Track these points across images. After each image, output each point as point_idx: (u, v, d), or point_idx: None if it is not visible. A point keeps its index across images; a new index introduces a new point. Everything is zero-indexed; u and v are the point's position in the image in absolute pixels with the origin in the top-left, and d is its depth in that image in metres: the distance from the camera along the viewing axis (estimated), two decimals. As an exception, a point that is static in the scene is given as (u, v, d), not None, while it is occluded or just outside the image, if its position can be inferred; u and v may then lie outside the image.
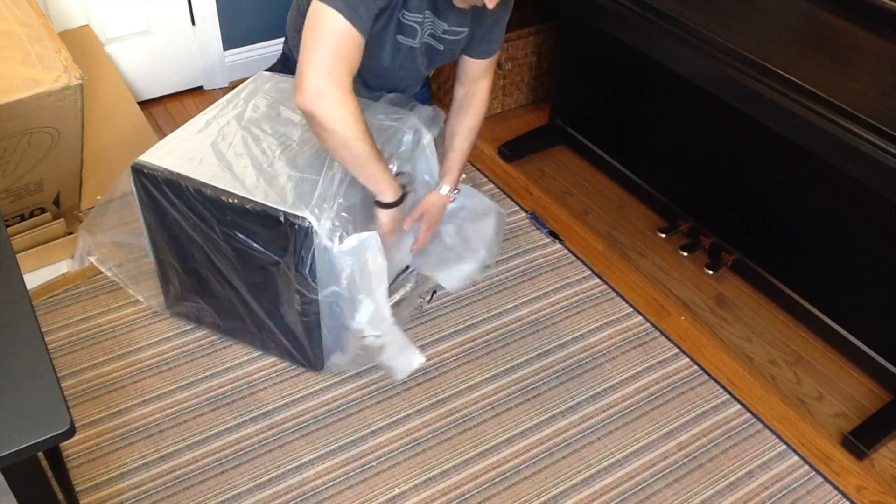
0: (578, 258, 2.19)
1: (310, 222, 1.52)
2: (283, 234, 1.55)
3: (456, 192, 1.93)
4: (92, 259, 1.82)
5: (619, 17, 1.94)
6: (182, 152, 1.67)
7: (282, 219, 1.53)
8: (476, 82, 1.83)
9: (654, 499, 1.62)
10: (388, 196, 1.61)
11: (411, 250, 1.92)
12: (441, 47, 1.68)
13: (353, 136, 1.47)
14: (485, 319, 1.99)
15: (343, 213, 1.57)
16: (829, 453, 1.75)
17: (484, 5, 1.45)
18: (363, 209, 1.66)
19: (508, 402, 1.79)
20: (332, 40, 1.41)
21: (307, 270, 1.58)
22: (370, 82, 1.79)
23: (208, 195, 1.58)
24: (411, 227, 1.85)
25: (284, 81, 1.87)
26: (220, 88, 2.78)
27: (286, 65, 1.93)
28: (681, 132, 2.26)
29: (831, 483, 1.68)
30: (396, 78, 1.77)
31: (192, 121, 1.77)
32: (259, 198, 1.56)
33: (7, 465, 0.94)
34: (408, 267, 2.04)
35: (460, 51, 1.74)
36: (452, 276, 2.02)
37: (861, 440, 1.74)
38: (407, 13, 1.57)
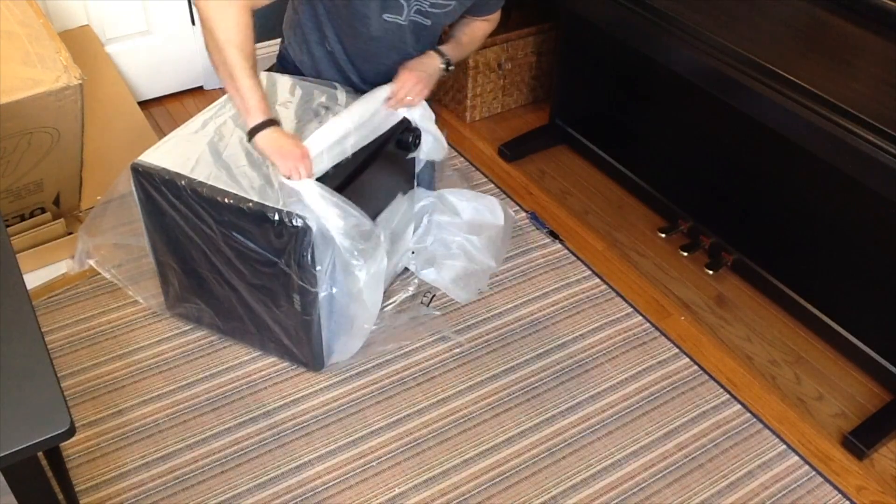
0: (578, 258, 2.19)
1: (306, 221, 1.52)
2: (280, 233, 1.55)
3: (451, 67, 1.83)
4: (91, 262, 1.82)
5: (619, 17, 1.94)
6: (180, 152, 1.67)
7: (278, 217, 1.53)
8: (485, 20, 1.87)
9: (654, 499, 1.62)
10: (253, 118, 1.50)
11: (389, 104, 1.74)
12: (428, 22, 1.67)
13: (228, 39, 1.42)
14: (485, 319, 1.99)
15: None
16: (829, 453, 1.75)
17: None
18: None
19: (508, 402, 1.79)
20: None
21: (305, 269, 1.58)
22: (362, 68, 1.79)
23: (206, 195, 1.58)
24: (407, 79, 1.72)
25: (281, 81, 1.87)
26: (220, 88, 2.76)
27: (283, 64, 1.93)
28: (681, 132, 2.26)
29: (831, 483, 1.68)
30: (387, 59, 1.75)
31: (190, 121, 1.77)
32: (256, 197, 1.56)
33: (7, 465, 0.94)
34: (406, 269, 2.04)
35: (454, 18, 1.75)
36: (461, 288, 2.02)
37: (861, 440, 1.74)
38: None
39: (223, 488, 1.59)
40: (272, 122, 1.52)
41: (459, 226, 2.05)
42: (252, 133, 1.52)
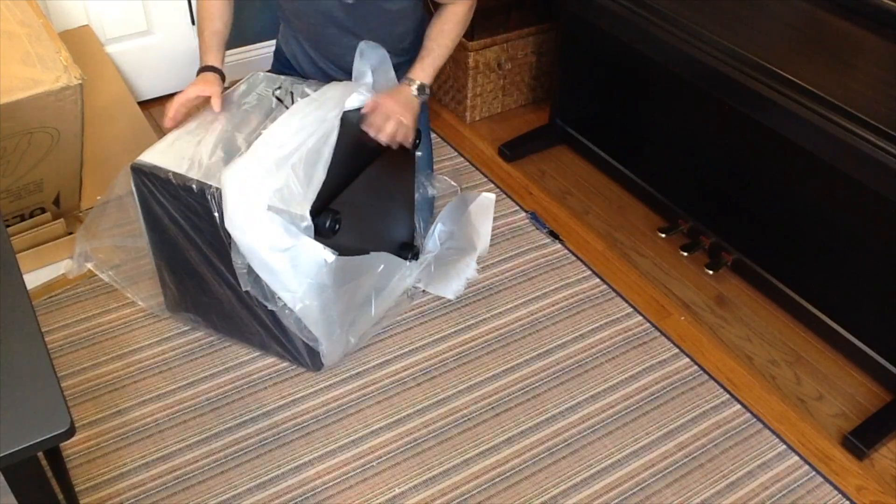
0: (578, 258, 2.19)
1: (306, 219, 1.52)
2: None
3: (426, 91, 1.77)
4: (90, 265, 1.82)
5: (619, 17, 1.94)
6: (179, 152, 1.66)
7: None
8: (453, 3, 1.78)
9: (654, 499, 1.62)
10: (201, 62, 1.78)
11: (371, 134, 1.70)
12: None
13: (198, 18, 1.77)
14: (485, 319, 1.99)
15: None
16: (829, 453, 1.75)
17: None
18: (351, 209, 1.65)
19: (508, 402, 1.79)
20: None
21: (307, 270, 1.58)
22: (322, 52, 1.80)
23: (205, 194, 1.58)
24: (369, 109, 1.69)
25: (277, 81, 1.87)
26: (220, 88, 2.77)
27: (278, 59, 1.93)
28: (681, 132, 2.26)
29: (831, 483, 1.68)
30: (332, 38, 1.76)
31: (188, 121, 1.77)
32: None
33: (7, 465, 0.94)
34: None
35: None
36: (453, 285, 2.02)
37: (861, 440, 1.74)
38: None
39: (223, 488, 1.59)
40: (202, 70, 1.77)
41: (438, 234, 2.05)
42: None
